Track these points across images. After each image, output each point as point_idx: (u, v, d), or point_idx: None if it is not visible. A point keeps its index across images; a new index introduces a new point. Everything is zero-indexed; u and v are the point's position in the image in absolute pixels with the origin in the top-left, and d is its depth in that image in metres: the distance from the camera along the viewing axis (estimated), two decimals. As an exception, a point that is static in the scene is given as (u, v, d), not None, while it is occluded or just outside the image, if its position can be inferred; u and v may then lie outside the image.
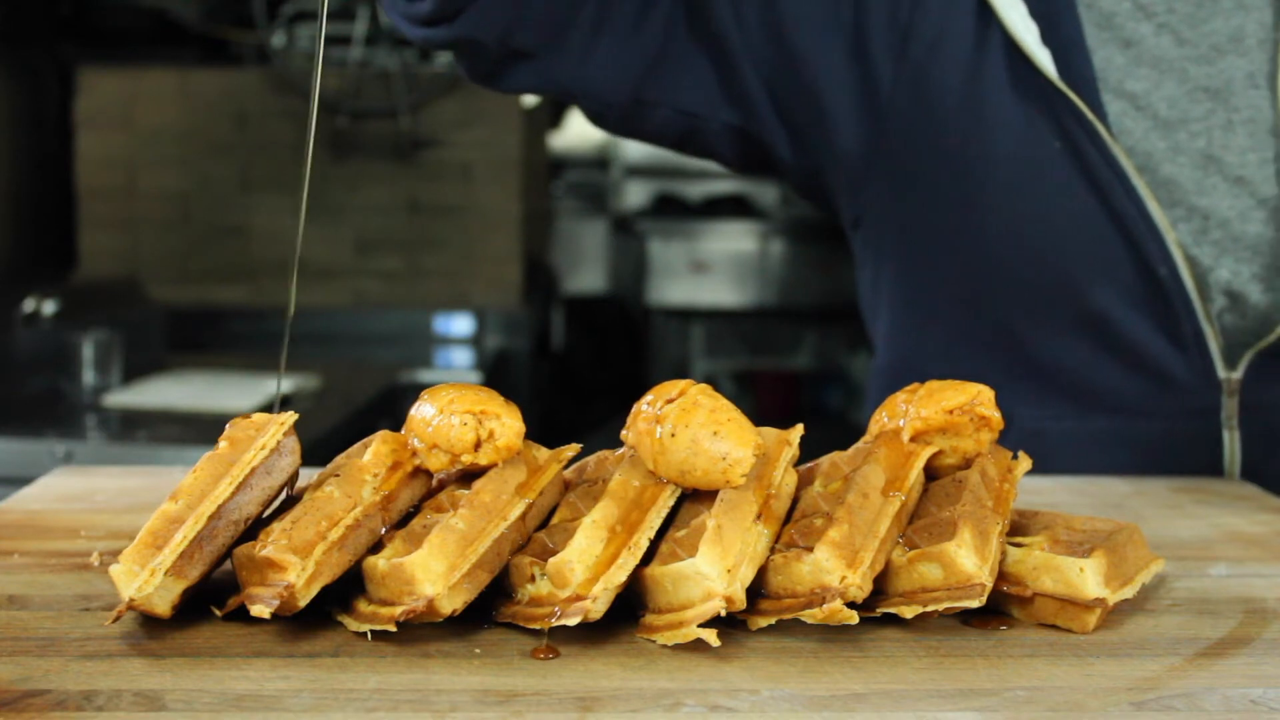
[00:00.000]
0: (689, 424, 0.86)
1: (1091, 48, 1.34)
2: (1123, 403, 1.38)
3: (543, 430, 4.07)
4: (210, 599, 0.87)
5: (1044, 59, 1.32)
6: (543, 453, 0.93)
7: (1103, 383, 1.38)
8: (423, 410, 0.90)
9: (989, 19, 1.34)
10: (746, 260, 7.28)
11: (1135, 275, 1.33)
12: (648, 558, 0.85)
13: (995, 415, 0.96)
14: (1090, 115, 1.31)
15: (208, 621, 0.86)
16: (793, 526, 0.88)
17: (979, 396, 0.96)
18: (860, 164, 1.42)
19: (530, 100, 4.88)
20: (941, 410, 0.96)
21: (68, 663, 0.78)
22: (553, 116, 6.71)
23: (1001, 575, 0.88)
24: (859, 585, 0.82)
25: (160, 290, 4.19)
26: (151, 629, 0.84)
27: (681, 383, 0.91)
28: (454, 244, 4.45)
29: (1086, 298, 1.35)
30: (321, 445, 2.45)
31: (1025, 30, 1.32)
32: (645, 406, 0.90)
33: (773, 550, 0.86)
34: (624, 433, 0.92)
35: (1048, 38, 1.32)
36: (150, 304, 3.75)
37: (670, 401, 0.89)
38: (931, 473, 0.97)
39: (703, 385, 0.90)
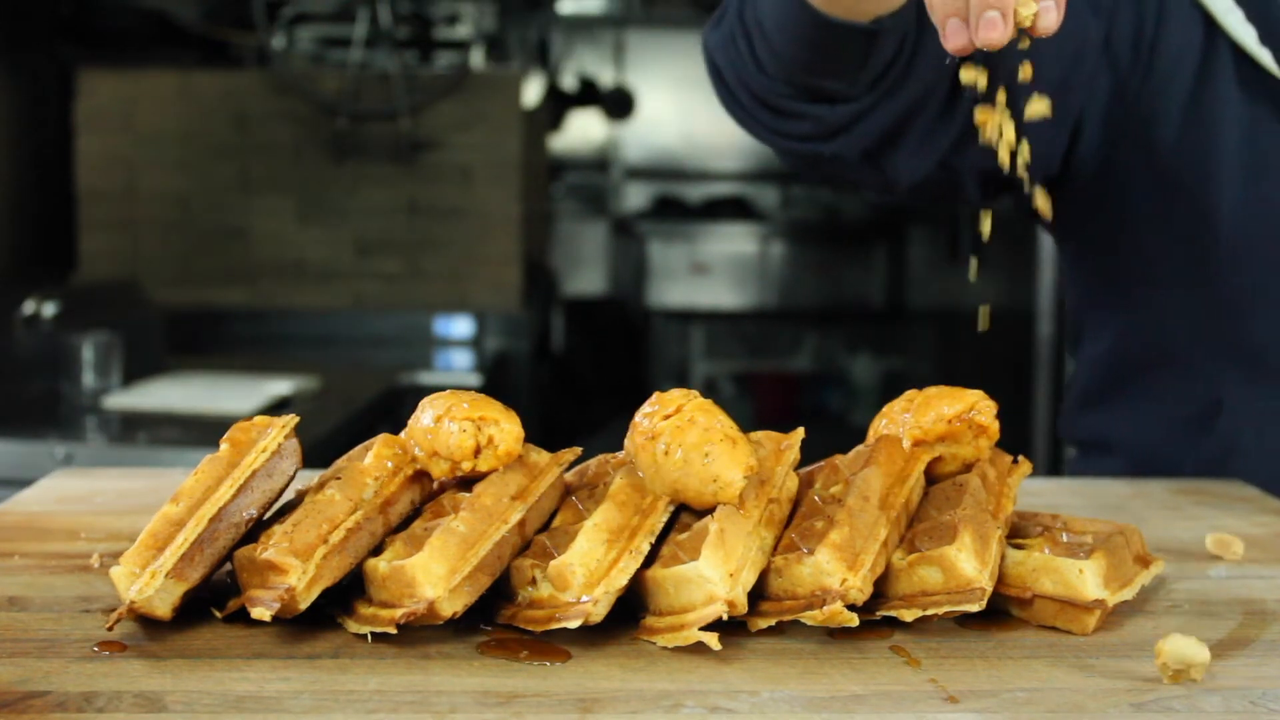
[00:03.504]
0: (682, 443, 0.86)
1: None
2: None
3: (543, 433, 4.07)
4: (211, 601, 0.87)
5: (1265, 57, 1.38)
6: (543, 456, 0.93)
7: None
8: (422, 418, 0.90)
9: (1214, 28, 1.41)
10: (746, 262, 7.28)
11: None
12: (649, 560, 0.85)
13: (993, 425, 0.97)
14: None
15: (208, 623, 0.86)
16: (793, 529, 0.88)
17: (977, 405, 0.97)
18: (1094, 171, 1.47)
19: (530, 102, 4.88)
20: (941, 418, 0.97)
21: (68, 664, 0.79)
22: (553, 118, 6.71)
23: (1001, 577, 0.88)
24: (859, 588, 0.83)
25: (160, 292, 4.18)
26: (152, 631, 0.84)
27: (679, 397, 0.90)
28: (454, 246, 4.45)
29: None
30: (321, 447, 2.45)
31: (1245, 34, 1.39)
32: (644, 419, 0.90)
33: (773, 553, 0.87)
34: (626, 441, 0.92)
35: (1266, 39, 1.39)
36: (150, 306, 3.75)
37: (667, 418, 0.89)
38: (931, 477, 0.97)
39: (701, 401, 0.90)
